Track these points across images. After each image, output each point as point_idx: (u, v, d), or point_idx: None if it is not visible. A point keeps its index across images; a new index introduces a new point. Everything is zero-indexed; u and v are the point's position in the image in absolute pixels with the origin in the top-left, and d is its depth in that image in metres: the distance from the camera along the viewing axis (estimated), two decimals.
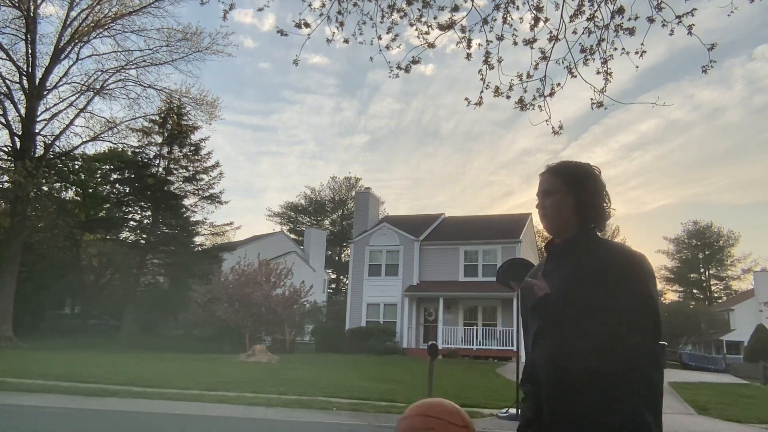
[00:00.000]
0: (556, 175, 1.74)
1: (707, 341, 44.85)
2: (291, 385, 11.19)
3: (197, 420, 8.08)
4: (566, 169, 1.75)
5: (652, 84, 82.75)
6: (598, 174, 1.75)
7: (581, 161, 1.79)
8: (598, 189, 1.72)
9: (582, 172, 1.74)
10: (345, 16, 5.72)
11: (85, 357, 16.35)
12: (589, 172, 1.74)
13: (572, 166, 1.77)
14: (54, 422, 7.56)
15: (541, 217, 1.76)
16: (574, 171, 1.74)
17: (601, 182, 1.73)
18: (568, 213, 1.70)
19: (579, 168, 1.75)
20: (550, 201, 1.72)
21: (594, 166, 1.77)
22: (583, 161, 1.80)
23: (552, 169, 1.76)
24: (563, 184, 1.71)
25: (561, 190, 1.71)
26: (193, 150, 29.38)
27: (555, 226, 1.73)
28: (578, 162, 1.78)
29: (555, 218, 1.72)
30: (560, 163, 1.79)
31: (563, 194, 1.70)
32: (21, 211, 23.66)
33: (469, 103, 6.11)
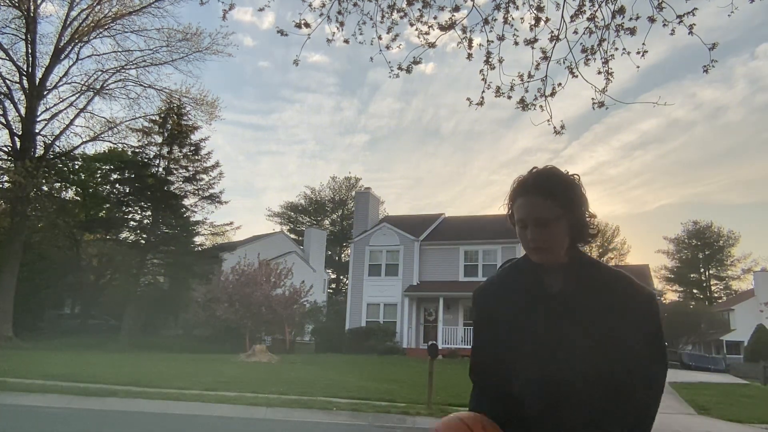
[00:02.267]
0: (550, 198, 1.45)
1: (707, 341, 44.84)
2: (291, 385, 11.19)
3: (197, 420, 8.08)
4: (559, 188, 1.47)
5: (653, 83, 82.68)
6: (580, 182, 1.53)
7: (562, 170, 1.53)
8: (587, 205, 1.51)
9: (574, 189, 1.50)
10: (345, 16, 5.72)
11: (85, 357, 16.35)
12: (578, 186, 1.51)
13: (562, 182, 1.49)
14: (54, 422, 7.55)
15: (533, 250, 1.48)
16: (567, 188, 1.48)
17: (585, 194, 1.53)
18: (564, 239, 1.47)
19: (569, 184, 1.49)
20: (548, 232, 1.45)
21: (576, 175, 1.54)
22: (563, 169, 1.54)
23: (543, 190, 1.46)
24: (559, 208, 1.45)
25: (557, 215, 1.44)
26: (193, 150, 29.38)
27: (552, 257, 1.48)
28: (564, 174, 1.52)
29: (554, 249, 1.47)
30: (548, 179, 1.49)
31: (559, 219, 1.45)
32: (21, 211, 23.65)
33: (470, 103, 6.11)
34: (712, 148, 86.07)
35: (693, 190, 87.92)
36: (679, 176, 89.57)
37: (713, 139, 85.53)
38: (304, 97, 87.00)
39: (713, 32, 58.67)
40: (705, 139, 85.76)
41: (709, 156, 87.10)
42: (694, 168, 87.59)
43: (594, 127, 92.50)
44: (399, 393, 10.68)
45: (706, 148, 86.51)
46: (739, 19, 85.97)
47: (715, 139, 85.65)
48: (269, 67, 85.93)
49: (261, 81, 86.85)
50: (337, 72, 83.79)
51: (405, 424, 8.53)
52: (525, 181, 1.50)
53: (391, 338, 25.21)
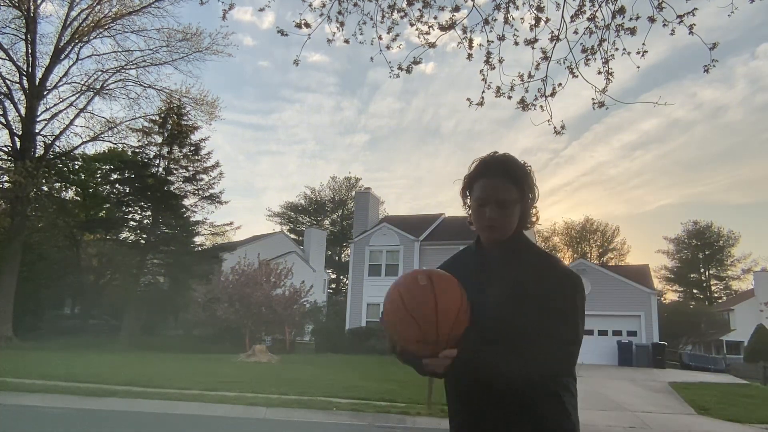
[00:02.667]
0: (512, 182, 1.59)
1: (707, 341, 44.81)
2: (291, 385, 11.19)
3: (197, 420, 8.08)
4: (519, 174, 1.61)
5: (654, 82, 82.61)
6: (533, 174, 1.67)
7: (516, 157, 1.65)
8: (536, 195, 1.66)
9: (529, 178, 1.64)
10: (345, 16, 5.72)
11: (85, 357, 16.35)
12: (532, 176, 1.65)
13: (522, 170, 1.62)
14: (54, 422, 7.55)
15: (488, 228, 1.61)
16: (525, 176, 1.62)
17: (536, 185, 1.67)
18: (515, 222, 1.63)
19: (526, 173, 1.64)
20: (505, 213, 1.59)
21: (530, 166, 1.67)
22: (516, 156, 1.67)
23: (507, 174, 1.60)
24: (517, 193, 1.60)
25: (515, 199, 1.60)
26: (193, 150, 29.38)
27: (502, 236, 1.62)
28: (522, 164, 1.65)
29: (506, 229, 1.62)
30: (511, 165, 1.62)
31: (516, 204, 1.60)
32: (21, 211, 23.65)
33: (471, 103, 6.11)
34: (712, 148, 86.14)
35: (693, 190, 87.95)
36: (679, 176, 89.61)
37: (713, 139, 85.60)
38: (304, 96, 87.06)
39: (713, 32, 58.68)
40: (705, 139, 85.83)
41: (710, 156, 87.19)
42: (694, 168, 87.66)
43: (594, 126, 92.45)
44: (399, 393, 10.67)
45: (706, 148, 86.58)
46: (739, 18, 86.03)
47: (715, 139, 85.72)
48: (269, 67, 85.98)
49: (261, 81, 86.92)
50: (337, 72, 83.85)
51: (405, 424, 8.52)
52: (489, 164, 1.63)
53: None
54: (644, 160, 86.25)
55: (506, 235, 1.62)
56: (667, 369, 22.85)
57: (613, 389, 14.47)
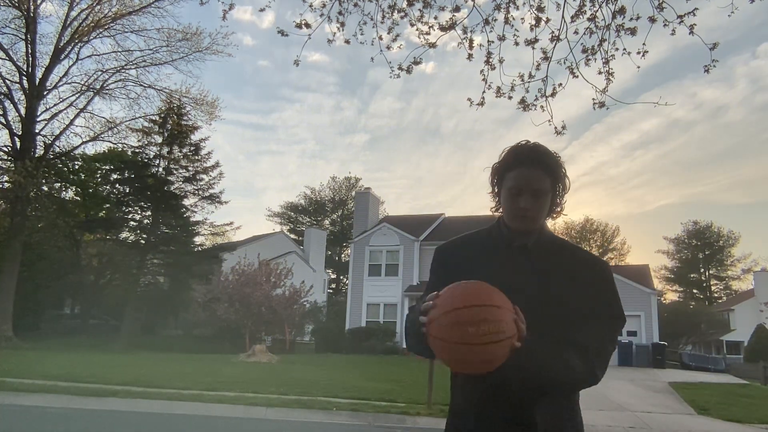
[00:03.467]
0: (547, 173, 1.59)
1: (707, 341, 44.82)
2: (291, 385, 11.19)
3: (197, 420, 8.08)
4: (553, 165, 1.61)
5: (654, 82, 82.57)
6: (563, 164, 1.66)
7: (550, 149, 1.64)
8: (567, 185, 1.66)
9: (561, 168, 1.64)
10: (346, 17, 5.72)
11: (85, 357, 16.35)
12: (563, 166, 1.65)
13: (555, 160, 1.62)
14: (54, 422, 7.55)
15: (522, 218, 1.60)
16: (558, 166, 1.62)
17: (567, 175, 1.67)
18: (546, 211, 1.63)
19: (559, 163, 1.63)
20: (539, 203, 1.59)
21: (559, 156, 1.66)
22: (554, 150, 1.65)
23: (542, 164, 1.59)
24: (551, 183, 1.60)
25: (548, 190, 1.60)
26: (193, 150, 29.38)
27: (534, 225, 1.62)
28: (554, 153, 1.63)
29: (538, 219, 1.62)
30: (545, 155, 1.61)
31: (548, 193, 1.61)
32: (21, 211, 23.64)
33: (471, 103, 6.11)
34: (712, 147, 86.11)
35: (693, 190, 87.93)
36: (680, 176, 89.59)
37: (714, 139, 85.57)
38: (304, 96, 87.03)
39: (714, 32, 58.68)
40: (705, 139, 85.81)
41: (710, 156, 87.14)
42: (694, 168, 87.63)
43: (595, 126, 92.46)
44: (399, 393, 10.68)
45: (707, 147, 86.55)
46: (740, 18, 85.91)
47: (715, 139, 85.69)
48: (269, 67, 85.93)
49: (261, 80, 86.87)
50: (337, 71, 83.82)
51: (405, 424, 8.52)
52: (525, 153, 1.61)
53: (391, 338, 25.20)
54: (644, 160, 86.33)
55: (537, 225, 1.62)
56: (667, 369, 22.86)
57: (613, 389, 14.47)
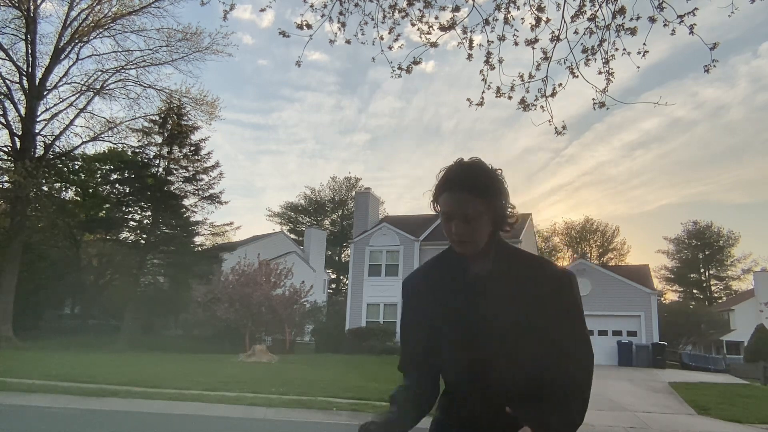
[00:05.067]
0: (474, 193, 1.51)
1: (707, 341, 44.82)
2: (291, 385, 11.19)
3: (197, 420, 8.08)
4: (483, 184, 1.53)
5: (655, 82, 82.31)
6: (502, 176, 1.60)
7: (486, 164, 1.58)
8: (508, 197, 1.59)
9: (497, 183, 1.56)
10: (347, 17, 5.72)
11: (85, 357, 16.35)
12: (500, 180, 1.57)
13: (487, 177, 1.55)
14: (54, 422, 7.55)
15: (457, 243, 1.55)
16: (490, 183, 1.55)
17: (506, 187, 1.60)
18: (485, 232, 1.55)
19: (493, 178, 1.56)
20: (471, 227, 1.52)
21: (499, 169, 1.60)
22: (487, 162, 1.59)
23: (469, 186, 1.51)
24: (482, 203, 1.51)
25: (480, 211, 1.51)
26: (193, 150, 29.37)
27: (474, 248, 1.56)
28: (488, 169, 1.57)
29: (476, 242, 1.55)
30: (474, 175, 1.53)
31: (482, 215, 1.52)
32: (21, 211, 23.65)
33: (471, 103, 6.11)
34: (713, 147, 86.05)
35: (693, 190, 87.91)
36: (680, 176, 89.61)
37: (714, 139, 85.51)
38: (304, 95, 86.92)
39: (715, 31, 58.68)
40: (706, 139, 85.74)
41: (710, 155, 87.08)
42: (694, 167, 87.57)
43: (595, 126, 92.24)
44: None
45: (707, 147, 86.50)
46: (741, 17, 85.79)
47: (716, 139, 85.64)
48: (269, 66, 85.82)
49: (261, 80, 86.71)
50: (337, 70, 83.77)
51: None
52: (451, 177, 1.55)
53: (391, 338, 25.18)
54: (645, 160, 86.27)
55: (479, 247, 1.56)
56: (667, 369, 22.86)
57: (613, 389, 14.47)
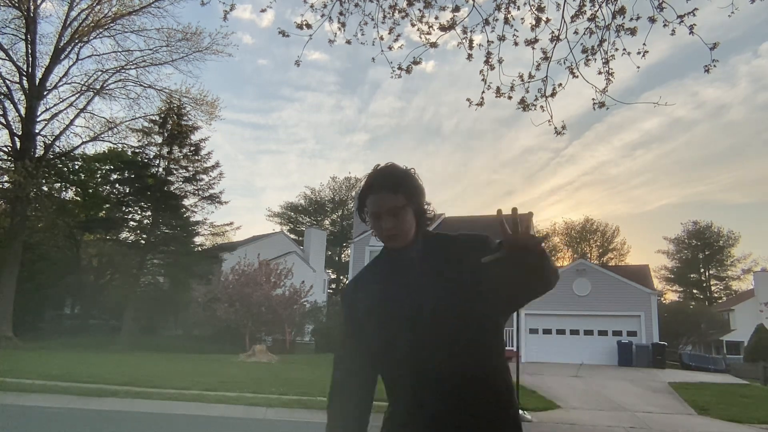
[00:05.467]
0: (395, 190, 1.69)
1: (707, 341, 44.83)
2: (291, 385, 11.19)
3: (197, 420, 8.07)
4: (401, 182, 1.71)
5: (655, 81, 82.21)
6: (417, 175, 1.78)
7: (401, 166, 1.77)
8: (424, 194, 1.76)
9: (413, 181, 1.74)
10: (347, 17, 5.72)
11: (85, 357, 16.34)
12: (415, 178, 1.76)
13: (403, 176, 1.73)
14: (54, 422, 7.55)
15: (388, 238, 1.70)
16: (409, 181, 1.73)
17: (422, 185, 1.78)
18: (412, 225, 1.70)
19: (409, 177, 1.74)
20: (398, 220, 1.67)
21: (412, 168, 1.79)
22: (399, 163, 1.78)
23: (390, 185, 1.70)
24: (404, 198, 1.68)
25: (403, 204, 1.68)
26: (193, 150, 29.36)
27: (404, 241, 1.70)
28: (403, 170, 1.76)
29: (405, 234, 1.69)
30: (392, 175, 1.72)
31: (406, 208, 1.68)
32: (21, 211, 23.64)
33: (470, 103, 6.11)
34: (713, 147, 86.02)
35: (694, 190, 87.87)
36: (680, 176, 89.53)
37: (715, 139, 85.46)
38: (303, 95, 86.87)
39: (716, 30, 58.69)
40: (706, 139, 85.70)
41: (711, 155, 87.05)
42: (695, 167, 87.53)
43: (596, 125, 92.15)
44: None
45: (708, 147, 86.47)
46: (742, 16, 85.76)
47: (716, 139, 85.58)
48: (269, 66, 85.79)
49: (260, 79, 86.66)
50: (337, 70, 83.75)
51: None
52: (372, 181, 1.73)
53: None
54: (645, 160, 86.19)
55: (408, 239, 1.70)
56: (667, 369, 22.85)
57: (613, 389, 14.48)
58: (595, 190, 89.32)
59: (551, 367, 20.49)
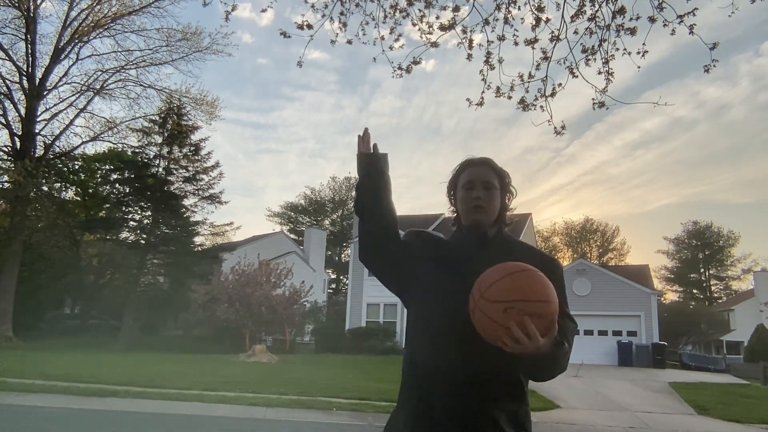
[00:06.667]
0: (495, 173, 1.84)
1: (707, 341, 44.83)
2: (291, 385, 11.19)
3: (197, 420, 8.07)
4: (500, 169, 1.86)
5: (656, 81, 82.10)
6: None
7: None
8: (513, 196, 1.90)
9: (509, 178, 1.89)
10: (348, 17, 5.72)
11: (85, 357, 16.35)
12: (510, 178, 1.90)
13: (502, 169, 1.88)
14: (54, 422, 7.55)
15: (475, 209, 1.79)
16: (504, 173, 1.88)
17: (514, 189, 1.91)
18: (496, 209, 1.82)
19: (506, 173, 1.89)
20: (490, 195, 1.80)
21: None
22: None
23: (491, 165, 1.85)
24: (499, 183, 1.84)
25: (497, 186, 1.83)
26: (193, 150, 29.35)
27: (487, 219, 1.81)
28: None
29: (490, 211, 1.80)
30: (493, 162, 1.88)
31: (497, 191, 1.83)
32: (21, 211, 23.65)
33: (470, 103, 6.11)
34: (714, 146, 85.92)
35: (694, 190, 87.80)
36: (681, 175, 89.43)
37: (715, 138, 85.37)
38: (303, 94, 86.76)
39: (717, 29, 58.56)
40: (707, 138, 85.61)
41: (711, 155, 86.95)
42: (695, 167, 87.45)
43: (596, 125, 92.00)
44: None
45: (708, 146, 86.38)
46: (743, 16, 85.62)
47: (717, 138, 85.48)
48: (268, 65, 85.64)
49: (260, 78, 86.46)
50: (337, 69, 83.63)
51: None
52: (472, 159, 1.88)
53: (392, 338, 25.19)
54: (646, 159, 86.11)
55: (491, 219, 1.81)
56: (667, 369, 22.86)
57: (613, 389, 14.48)
58: (595, 190, 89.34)
59: None
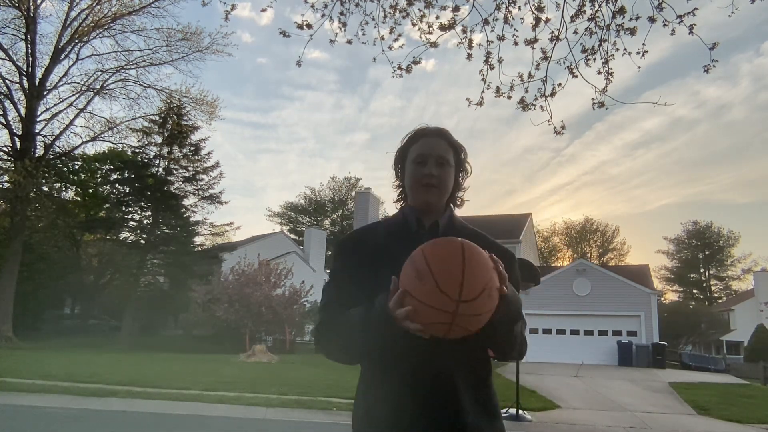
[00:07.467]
0: (450, 147, 1.63)
1: (707, 341, 44.84)
2: (291, 385, 11.19)
3: (197, 420, 8.07)
4: (456, 143, 1.66)
5: (656, 81, 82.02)
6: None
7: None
8: (468, 174, 1.70)
9: (464, 152, 1.68)
10: (347, 17, 5.72)
11: (85, 357, 16.35)
12: (466, 152, 1.69)
13: (458, 143, 1.67)
14: (54, 422, 7.55)
15: (426, 187, 1.59)
16: (461, 148, 1.67)
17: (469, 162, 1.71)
18: (449, 188, 1.63)
19: (462, 147, 1.68)
20: (444, 172, 1.60)
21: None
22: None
23: (447, 138, 1.64)
24: (454, 158, 1.63)
25: (452, 163, 1.62)
26: (193, 150, 29.38)
27: (439, 199, 1.62)
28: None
29: (443, 190, 1.61)
30: (450, 134, 1.66)
31: (452, 168, 1.63)
32: (21, 211, 23.65)
33: (470, 103, 6.11)
34: (714, 146, 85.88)
35: (694, 190, 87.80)
36: (681, 175, 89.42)
37: (716, 138, 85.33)
38: (303, 94, 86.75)
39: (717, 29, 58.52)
40: (707, 138, 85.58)
41: (711, 155, 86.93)
42: (695, 167, 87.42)
43: (596, 125, 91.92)
44: None
45: (709, 146, 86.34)
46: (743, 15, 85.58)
47: (717, 138, 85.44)
48: (268, 64, 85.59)
49: (260, 78, 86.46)
50: (337, 69, 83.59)
51: None
52: (426, 128, 1.66)
53: None
54: (646, 159, 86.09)
55: (442, 200, 1.62)
56: (667, 369, 22.86)
57: (613, 389, 14.48)
58: (595, 189, 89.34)
59: (551, 367, 20.49)
